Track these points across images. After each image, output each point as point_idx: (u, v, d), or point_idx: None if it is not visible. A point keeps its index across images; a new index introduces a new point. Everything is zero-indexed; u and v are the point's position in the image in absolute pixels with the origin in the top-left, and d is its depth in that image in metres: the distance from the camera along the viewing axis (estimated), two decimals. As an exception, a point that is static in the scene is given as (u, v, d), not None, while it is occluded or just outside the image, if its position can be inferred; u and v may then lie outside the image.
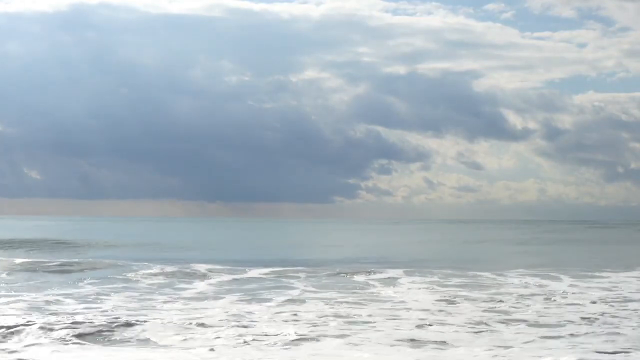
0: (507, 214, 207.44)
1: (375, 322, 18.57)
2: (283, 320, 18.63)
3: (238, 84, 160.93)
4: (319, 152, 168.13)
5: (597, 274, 32.66)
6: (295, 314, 19.69)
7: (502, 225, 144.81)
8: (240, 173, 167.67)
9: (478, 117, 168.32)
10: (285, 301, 22.83)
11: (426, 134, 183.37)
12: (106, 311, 20.07)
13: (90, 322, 17.81)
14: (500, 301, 22.85)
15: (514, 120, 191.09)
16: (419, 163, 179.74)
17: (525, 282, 28.80)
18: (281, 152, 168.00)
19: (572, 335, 16.92)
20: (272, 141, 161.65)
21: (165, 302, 22.49)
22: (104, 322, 17.78)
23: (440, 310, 20.76)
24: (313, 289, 26.34)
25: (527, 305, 21.92)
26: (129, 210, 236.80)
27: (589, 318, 19.36)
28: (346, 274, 32.48)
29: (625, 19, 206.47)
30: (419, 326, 17.97)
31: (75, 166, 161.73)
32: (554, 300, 23.11)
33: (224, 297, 23.81)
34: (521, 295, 24.55)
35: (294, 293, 25.23)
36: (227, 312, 20.07)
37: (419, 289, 26.65)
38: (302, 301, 22.86)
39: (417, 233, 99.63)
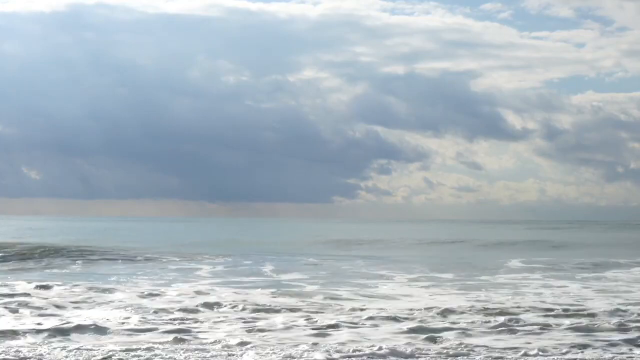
0: (507, 214, 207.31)
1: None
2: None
3: (236, 84, 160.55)
4: (318, 152, 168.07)
5: (597, 275, 31.91)
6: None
7: (501, 225, 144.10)
8: (240, 173, 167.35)
9: (477, 117, 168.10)
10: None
11: (425, 134, 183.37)
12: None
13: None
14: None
15: (513, 120, 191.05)
16: (419, 163, 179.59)
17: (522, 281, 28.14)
18: (280, 152, 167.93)
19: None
20: (271, 141, 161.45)
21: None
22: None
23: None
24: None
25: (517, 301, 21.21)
26: (129, 210, 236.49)
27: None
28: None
29: (624, 19, 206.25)
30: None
31: (75, 166, 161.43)
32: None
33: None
34: (514, 294, 23.83)
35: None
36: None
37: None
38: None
39: (417, 233, 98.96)
